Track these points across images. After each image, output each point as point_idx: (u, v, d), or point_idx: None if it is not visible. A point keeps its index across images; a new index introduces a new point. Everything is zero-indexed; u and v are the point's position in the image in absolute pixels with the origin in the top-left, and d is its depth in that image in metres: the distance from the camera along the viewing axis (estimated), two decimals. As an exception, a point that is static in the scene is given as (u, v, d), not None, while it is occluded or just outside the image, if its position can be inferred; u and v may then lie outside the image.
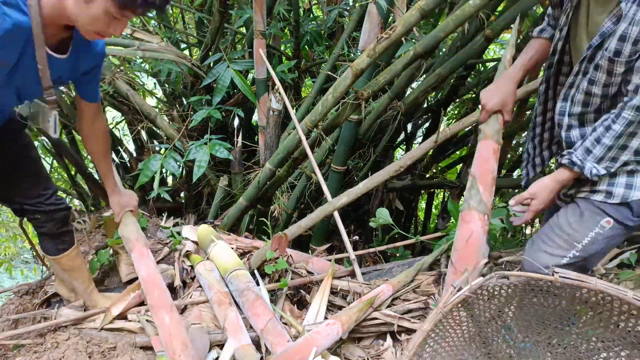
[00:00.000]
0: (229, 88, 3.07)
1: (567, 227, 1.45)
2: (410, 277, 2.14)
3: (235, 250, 2.31)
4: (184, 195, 4.25)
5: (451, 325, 1.42)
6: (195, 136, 3.35)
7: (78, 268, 2.01)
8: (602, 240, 1.41)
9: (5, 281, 5.27)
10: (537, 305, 1.38)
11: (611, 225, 1.39)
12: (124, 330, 1.91)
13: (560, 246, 1.46)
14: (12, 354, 1.87)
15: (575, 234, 1.43)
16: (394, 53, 2.68)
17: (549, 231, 1.50)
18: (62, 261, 1.95)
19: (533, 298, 1.36)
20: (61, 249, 1.93)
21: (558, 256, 1.45)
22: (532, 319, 1.41)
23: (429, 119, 4.40)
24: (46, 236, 1.89)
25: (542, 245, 1.50)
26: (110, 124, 4.18)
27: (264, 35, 2.85)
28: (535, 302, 1.37)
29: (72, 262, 1.98)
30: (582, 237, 1.42)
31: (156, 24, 3.82)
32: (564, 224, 1.46)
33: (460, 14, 2.07)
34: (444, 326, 1.41)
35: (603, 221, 1.40)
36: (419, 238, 2.63)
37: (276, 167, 2.71)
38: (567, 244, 1.44)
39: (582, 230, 1.42)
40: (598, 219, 1.40)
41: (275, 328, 1.74)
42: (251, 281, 1.99)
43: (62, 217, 1.88)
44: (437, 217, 5.00)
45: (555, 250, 1.46)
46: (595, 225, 1.41)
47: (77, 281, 2.02)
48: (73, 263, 1.98)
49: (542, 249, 1.49)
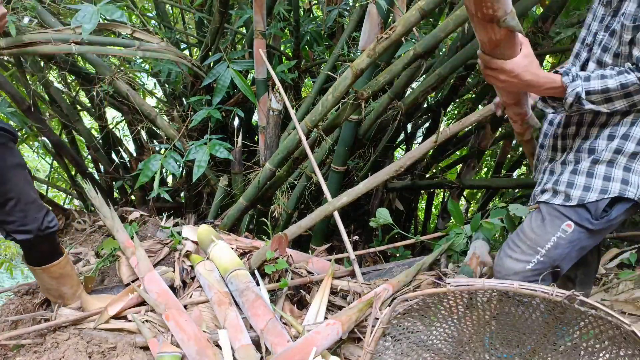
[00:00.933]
0: (229, 88, 3.07)
1: (530, 232, 1.44)
2: (410, 277, 2.14)
3: (235, 250, 2.31)
4: (184, 195, 4.25)
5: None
6: (195, 136, 3.35)
7: (68, 274, 1.95)
8: (565, 244, 1.39)
9: (6, 281, 5.27)
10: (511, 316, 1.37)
11: (572, 229, 1.38)
12: (124, 330, 1.91)
13: (524, 252, 1.45)
14: (12, 354, 1.87)
15: (537, 239, 1.42)
16: (394, 53, 2.68)
17: (515, 237, 1.50)
18: (52, 270, 1.88)
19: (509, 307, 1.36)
20: (51, 259, 1.86)
21: (523, 262, 1.44)
22: (510, 330, 1.40)
23: (429, 119, 4.40)
24: (33, 251, 1.82)
25: (508, 251, 1.49)
26: (110, 124, 4.18)
27: (264, 35, 2.85)
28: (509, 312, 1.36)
29: (62, 269, 1.91)
30: (544, 242, 1.41)
31: (156, 24, 3.82)
32: (527, 230, 1.46)
33: (460, 14, 2.07)
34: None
35: (564, 225, 1.39)
36: (419, 238, 2.63)
37: (276, 167, 2.70)
38: (531, 250, 1.43)
39: (544, 235, 1.41)
40: (559, 223, 1.39)
41: (275, 328, 1.74)
42: (251, 281, 1.99)
43: (52, 238, 1.80)
44: (437, 217, 5.00)
45: (520, 256, 1.46)
46: (556, 229, 1.40)
47: (66, 287, 1.96)
48: (63, 271, 1.92)
49: (508, 255, 1.49)
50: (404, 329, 1.43)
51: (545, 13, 3.03)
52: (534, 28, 3.06)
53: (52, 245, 1.86)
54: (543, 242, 1.41)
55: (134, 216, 2.91)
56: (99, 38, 2.80)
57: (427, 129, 4.36)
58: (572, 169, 1.41)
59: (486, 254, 2.31)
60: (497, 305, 1.34)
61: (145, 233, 2.70)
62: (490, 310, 1.37)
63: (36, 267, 1.87)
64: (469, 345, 1.47)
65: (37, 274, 1.91)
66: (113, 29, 2.83)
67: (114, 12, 2.56)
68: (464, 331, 1.45)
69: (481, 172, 5.57)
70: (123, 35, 2.86)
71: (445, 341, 1.49)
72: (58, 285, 1.95)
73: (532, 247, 1.43)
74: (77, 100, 4.03)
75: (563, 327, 1.26)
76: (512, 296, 1.25)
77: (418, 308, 1.38)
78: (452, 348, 1.49)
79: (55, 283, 1.95)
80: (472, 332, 1.44)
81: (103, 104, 3.56)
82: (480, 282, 1.24)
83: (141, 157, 3.84)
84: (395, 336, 1.43)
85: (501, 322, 1.39)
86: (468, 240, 2.43)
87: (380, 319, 1.34)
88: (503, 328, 1.41)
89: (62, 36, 2.60)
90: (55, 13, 3.13)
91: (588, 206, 1.36)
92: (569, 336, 1.27)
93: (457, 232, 2.46)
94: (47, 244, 1.81)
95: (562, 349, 1.31)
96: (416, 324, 1.44)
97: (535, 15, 3.37)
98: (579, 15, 3.16)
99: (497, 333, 1.42)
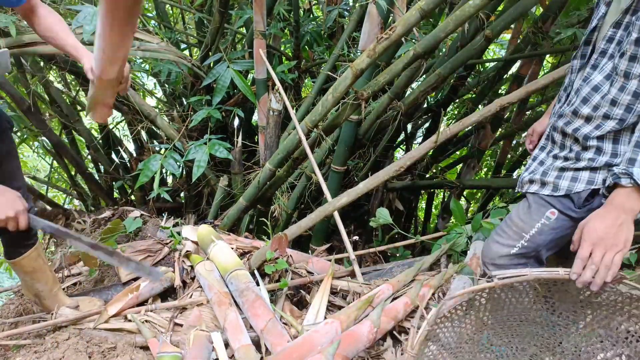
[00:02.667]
0: (229, 88, 3.07)
1: (517, 219, 1.54)
2: (410, 277, 2.14)
3: (235, 250, 2.31)
4: (184, 195, 4.26)
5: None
6: (195, 136, 3.35)
7: (40, 269, 1.91)
8: (548, 230, 1.47)
9: (5, 281, 5.27)
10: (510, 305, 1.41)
11: (556, 217, 1.46)
12: (124, 330, 1.91)
13: (510, 237, 1.55)
14: (12, 354, 1.87)
15: (523, 225, 1.51)
16: (394, 53, 2.68)
17: (503, 224, 1.61)
18: (23, 263, 1.84)
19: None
20: (22, 251, 1.82)
21: (508, 246, 1.55)
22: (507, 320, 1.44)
23: (429, 119, 4.40)
24: (5, 238, 1.78)
25: (495, 237, 1.61)
26: (110, 124, 4.18)
27: (264, 36, 2.85)
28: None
29: (34, 263, 1.87)
30: (529, 228, 1.50)
31: (156, 24, 3.82)
32: (515, 217, 1.56)
33: (460, 14, 2.07)
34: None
35: (548, 212, 1.46)
36: (419, 238, 2.63)
37: (276, 167, 2.70)
38: (517, 235, 1.53)
39: (530, 222, 1.50)
40: (543, 211, 1.47)
41: (275, 328, 1.74)
42: (251, 281, 1.99)
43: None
44: (437, 217, 5.00)
45: (506, 240, 1.56)
46: (541, 216, 1.48)
47: (40, 283, 1.93)
48: (35, 264, 1.88)
49: (495, 240, 1.60)
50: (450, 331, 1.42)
51: (545, 13, 3.03)
52: (534, 28, 3.06)
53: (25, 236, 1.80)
54: (528, 228, 1.50)
55: (134, 215, 2.91)
56: (99, 38, 2.79)
57: (427, 129, 4.36)
58: (561, 166, 1.46)
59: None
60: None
61: (145, 233, 2.71)
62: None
63: (10, 261, 1.83)
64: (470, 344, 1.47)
65: (14, 268, 1.88)
66: (113, 29, 2.83)
67: (114, 13, 2.56)
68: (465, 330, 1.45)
69: (481, 172, 5.57)
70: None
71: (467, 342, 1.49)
72: (32, 282, 1.91)
73: (517, 233, 1.53)
74: (77, 100, 4.04)
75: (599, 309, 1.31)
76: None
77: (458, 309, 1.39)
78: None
79: (30, 279, 1.90)
80: (472, 331, 1.45)
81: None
82: (526, 272, 1.28)
83: (141, 157, 3.85)
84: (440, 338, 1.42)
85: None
86: (468, 240, 2.43)
87: (426, 319, 1.32)
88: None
89: (62, 36, 2.60)
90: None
91: (572, 196, 1.42)
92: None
93: (458, 231, 2.46)
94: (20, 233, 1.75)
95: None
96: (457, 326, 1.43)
97: (535, 16, 3.37)
98: (579, 16, 3.16)
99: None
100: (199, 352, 1.72)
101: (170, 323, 1.93)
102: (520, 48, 3.41)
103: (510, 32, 3.79)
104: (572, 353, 1.41)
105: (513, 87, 3.66)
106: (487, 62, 4.16)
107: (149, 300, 2.10)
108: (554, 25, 3.11)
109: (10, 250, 1.82)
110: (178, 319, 1.97)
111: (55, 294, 1.99)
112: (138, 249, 2.41)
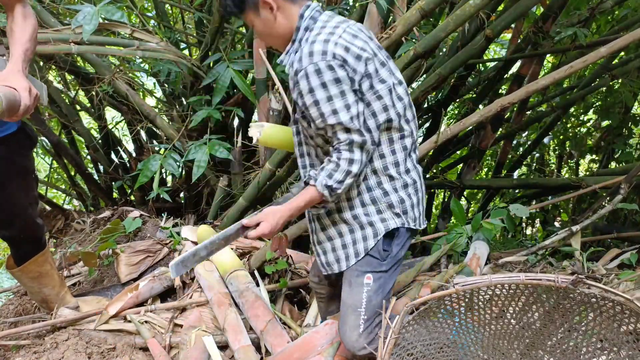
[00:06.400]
0: (228, 88, 3.06)
1: (348, 300, 1.53)
2: (411, 277, 2.14)
3: (235, 250, 2.31)
4: (184, 195, 4.25)
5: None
6: (195, 136, 3.34)
7: (47, 274, 1.90)
8: (374, 293, 1.49)
9: (6, 281, 5.26)
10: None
11: (372, 279, 1.49)
12: (124, 331, 1.90)
13: (352, 319, 1.52)
14: (11, 354, 1.86)
15: (354, 303, 1.51)
16: (394, 53, 2.67)
17: (342, 312, 1.57)
18: (30, 267, 1.82)
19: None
20: (28, 256, 1.81)
21: (356, 326, 1.51)
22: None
23: (429, 119, 4.39)
24: (14, 243, 1.78)
25: (342, 327, 1.56)
26: (110, 124, 4.17)
27: (264, 35, 2.84)
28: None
29: (41, 267, 1.86)
30: (360, 302, 1.50)
31: (156, 24, 3.82)
32: (345, 300, 1.54)
33: (460, 14, 2.07)
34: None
35: (364, 279, 1.49)
36: (419, 238, 2.63)
37: (276, 167, 2.70)
38: (355, 314, 1.51)
39: (357, 296, 1.50)
40: (360, 280, 1.50)
41: (275, 329, 1.74)
42: (251, 282, 1.99)
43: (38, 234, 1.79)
44: (437, 217, 5.00)
45: (352, 323, 1.52)
46: (361, 286, 1.49)
47: (47, 287, 1.92)
48: (42, 269, 1.86)
49: (345, 329, 1.55)
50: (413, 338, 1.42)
51: (546, 13, 3.03)
52: (534, 28, 3.05)
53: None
54: (359, 303, 1.50)
55: (134, 216, 2.90)
56: (99, 38, 2.79)
57: (428, 129, 4.36)
58: (341, 242, 1.52)
59: (486, 255, 2.31)
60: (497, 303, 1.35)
61: (144, 233, 2.70)
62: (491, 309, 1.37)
63: (16, 268, 1.81)
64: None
65: (17, 276, 1.87)
66: (113, 29, 2.82)
67: (114, 13, 2.56)
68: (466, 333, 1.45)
69: (481, 172, 5.57)
70: (123, 35, 2.86)
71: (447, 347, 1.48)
72: (40, 287, 1.91)
73: (354, 312, 1.51)
74: (76, 100, 4.03)
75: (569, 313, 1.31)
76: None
77: (424, 315, 1.38)
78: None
79: (37, 284, 1.89)
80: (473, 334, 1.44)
81: (102, 104, 3.55)
82: (486, 279, 1.24)
83: (141, 157, 3.84)
84: (405, 346, 1.42)
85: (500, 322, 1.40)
86: (469, 241, 2.42)
87: (391, 328, 1.32)
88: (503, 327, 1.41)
89: (62, 36, 2.59)
90: (55, 13, 3.13)
91: (372, 253, 1.48)
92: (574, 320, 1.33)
93: (458, 232, 2.46)
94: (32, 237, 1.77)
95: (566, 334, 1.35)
96: (421, 332, 1.43)
97: (536, 15, 3.37)
98: (579, 15, 3.16)
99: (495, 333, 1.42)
100: (199, 352, 1.72)
101: (170, 324, 1.93)
102: (520, 48, 3.40)
103: (511, 32, 3.79)
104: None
105: (513, 87, 3.65)
106: (487, 62, 4.15)
107: (148, 300, 2.09)
108: (554, 24, 3.11)
109: (19, 254, 1.81)
110: (178, 319, 1.96)
111: (62, 297, 1.99)
112: (137, 249, 2.40)
